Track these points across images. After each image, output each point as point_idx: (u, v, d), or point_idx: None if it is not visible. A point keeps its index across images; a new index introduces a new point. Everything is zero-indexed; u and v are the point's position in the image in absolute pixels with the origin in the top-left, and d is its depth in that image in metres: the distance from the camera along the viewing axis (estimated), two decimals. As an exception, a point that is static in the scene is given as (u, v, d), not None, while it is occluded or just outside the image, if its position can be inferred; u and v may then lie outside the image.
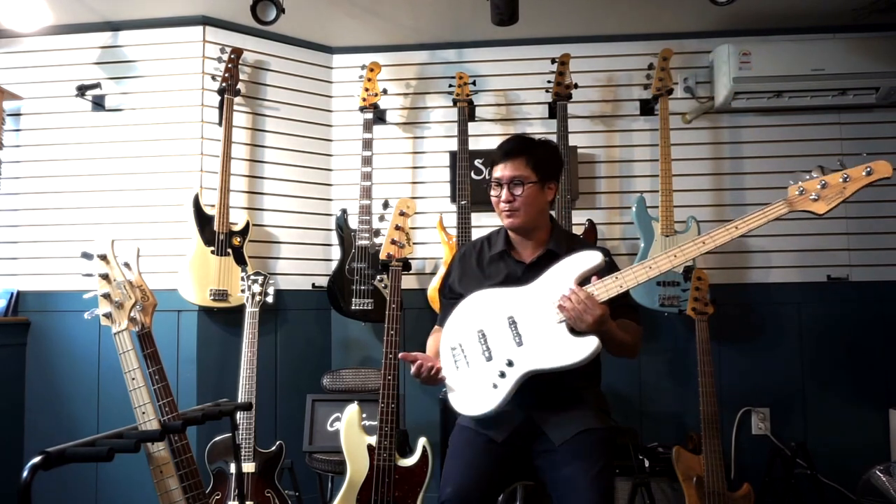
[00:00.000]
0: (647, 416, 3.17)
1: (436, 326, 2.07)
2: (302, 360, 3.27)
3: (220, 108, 3.08)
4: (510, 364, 1.72)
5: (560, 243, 1.92)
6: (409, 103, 3.44)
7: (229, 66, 3.05)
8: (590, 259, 1.74)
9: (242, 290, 2.78)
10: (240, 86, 3.12)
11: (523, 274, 1.90)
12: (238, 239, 2.99)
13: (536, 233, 1.93)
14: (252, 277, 2.78)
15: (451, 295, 2.01)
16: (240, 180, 3.17)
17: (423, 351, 1.98)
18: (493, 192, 1.92)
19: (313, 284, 3.30)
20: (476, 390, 1.76)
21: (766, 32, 3.23)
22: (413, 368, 1.82)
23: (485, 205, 2.77)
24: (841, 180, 1.57)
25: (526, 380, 1.71)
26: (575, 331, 1.68)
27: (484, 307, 1.83)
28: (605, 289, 1.68)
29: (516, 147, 1.90)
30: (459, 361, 1.81)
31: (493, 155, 1.93)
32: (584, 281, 1.72)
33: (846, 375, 3.12)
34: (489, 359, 1.77)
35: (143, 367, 1.76)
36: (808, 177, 1.59)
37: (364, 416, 2.47)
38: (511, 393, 1.72)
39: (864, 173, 1.56)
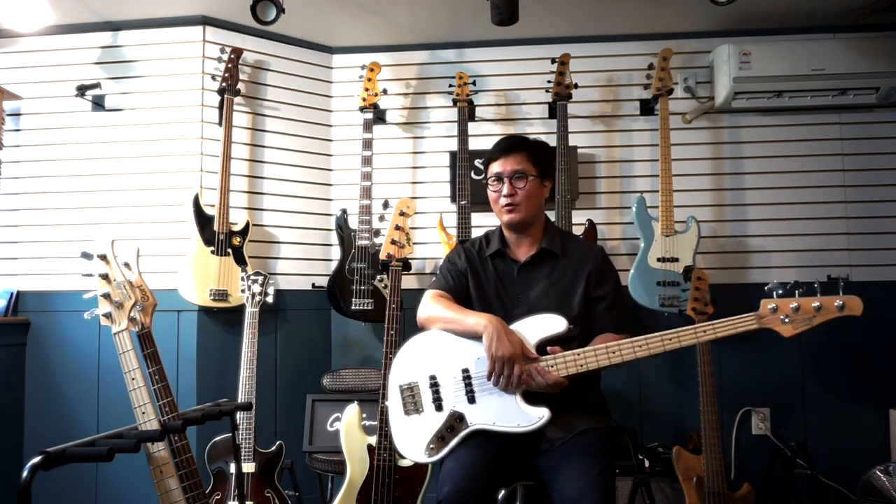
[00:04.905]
0: (647, 416, 3.17)
1: (431, 292, 1.97)
2: (302, 360, 3.27)
3: (220, 108, 3.08)
4: (460, 419, 1.73)
5: (554, 241, 1.92)
6: (409, 103, 3.44)
7: (229, 66, 3.05)
8: (553, 325, 1.73)
9: (242, 290, 2.78)
10: (240, 86, 3.12)
11: (518, 273, 1.90)
12: (238, 239, 2.99)
13: (532, 230, 1.93)
14: (252, 277, 2.78)
15: (456, 269, 1.98)
16: (240, 180, 3.17)
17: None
18: (492, 189, 1.92)
19: (313, 284, 3.30)
20: (422, 438, 1.75)
21: (766, 32, 3.23)
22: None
23: (485, 205, 2.76)
24: (813, 307, 1.61)
25: None
26: (528, 396, 1.69)
27: (440, 352, 1.81)
28: (564, 365, 1.69)
29: (515, 143, 1.91)
30: (408, 406, 1.79)
31: (489, 153, 1.94)
32: (543, 346, 1.72)
33: (846, 375, 3.12)
34: (439, 409, 1.76)
35: (143, 367, 1.75)
36: (785, 295, 1.60)
37: (364, 416, 2.47)
38: (456, 445, 1.72)
39: (835, 306, 1.61)
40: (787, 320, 1.61)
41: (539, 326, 1.73)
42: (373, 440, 2.35)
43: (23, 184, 3.20)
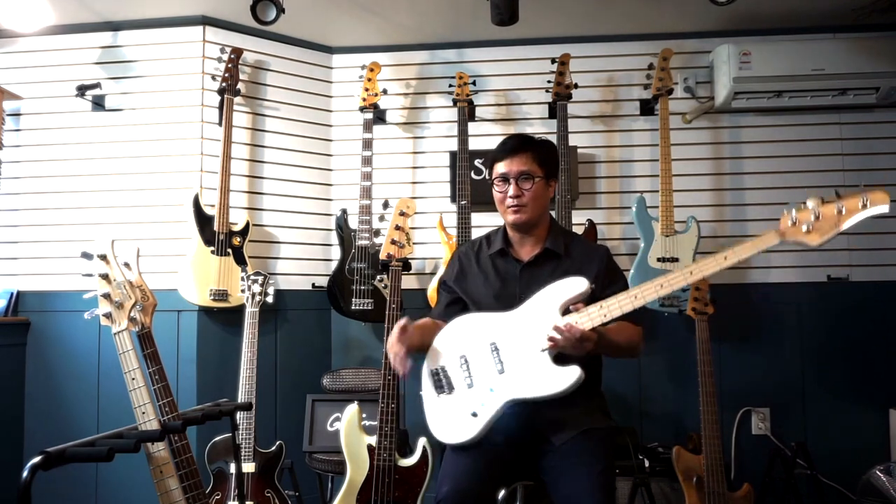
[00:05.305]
0: (647, 416, 3.17)
1: (428, 317, 2.03)
2: (302, 360, 3.27)
3: (220, 108, 3.08)
4: (491, 391, 1.72)
5: (557, 241, 1.92)
6: (409, 103, 3.44)
7: (229, 66, 3.05)
8: (575, 286, 1.73)
9: (242, 290, 2.78)
10: (240, 86, 3.12)
11: (521, 273, 1.90)
12: (238, 239, 2.99)
13: (536, 231, 1.93)
14: (252, 277, 2.78)
15: (447, 288, 2.01)
16: (240, 180, 3.17)
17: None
18: (497, 189, 1.91)
19: (313, 284, 3.30)
20: (456, 418, 1.74)
21: (766, 32, 3.23)
22: (396, 338, 1.75)
23: (485, 205, 2.78)
24: (836, 212, 1.48)
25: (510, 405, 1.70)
26: (558, 359, 1.68)
27: (468, 332, 1.82)
28: (588, 318, 1.68)
29: (521, 143, 1.90)
30: (441, 388, 1.79)
31: (495, 153, 1.92)
32: (567, 308, 1.72)
33: (846, 376, 3.12)
34: (470, 385, 1.76)
35: (143, 367, 1.76)
36: (803, 206, 1.52)
37: (364, 416, 2.47)
38: (492, 422, 1.70)
39: (859, 205, 1.47)
40: (809, 229, 1.50)
41: (561, 290, 1.74)
42: (373, 440, 2.34)
43: (23, 184, 3.20)
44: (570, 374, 1.65)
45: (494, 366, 1.74)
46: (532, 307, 1.77)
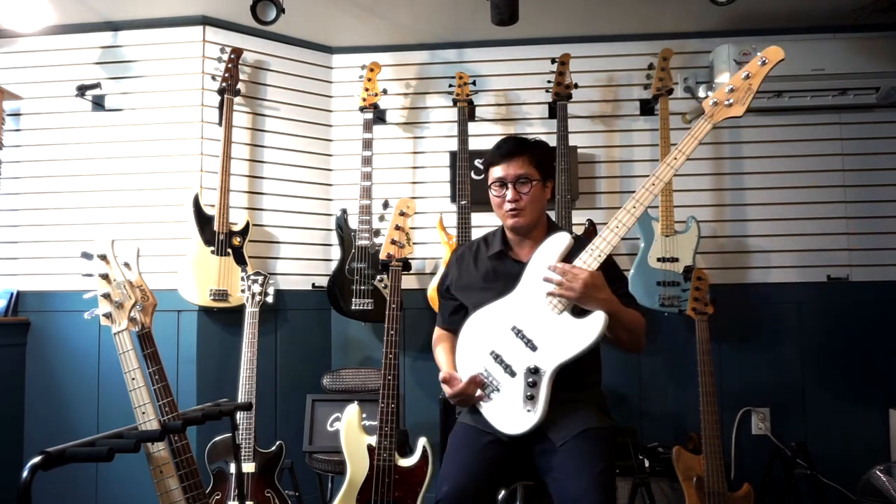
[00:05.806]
0: (647, 416, 3.17)
1: (437, 329, 2.08)
2: (302, 360, 3.27)
3: (220, 108, 3.08)
4: (535, 371, 1.72)
5: None
6: (409, 103, 3.44)
7: (229, 66, 3.05)
8: (558, 242, 1.77)
9: (242, 290, 2.78)
10: (240, 86, 3.12)
11: (521, 273, 1.90)
12: (238, 239, 2.99)
13: (535, 232, 1.93)
14: (252, 277, 2.78)
15: (449, 296, 2.02)
16: (240, 180, 3.17)
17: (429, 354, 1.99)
18: (495, 193, 1.91)
19: (313, 284, 3.30)
20: (516, 409, 1.74)
21: (766, 32, 3.23)
22: (452, 391, 1.81)
23: (485, 205, 2.77)
24: (743, 78, 1.69)
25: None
26: (578, 314, 1.69)
27: (486, 328, 1.83)
28: (585, 263, 1.72)
29: (517, 146, 1.90)
30: (488, 388, 1.79)
31: (490, 156, 1.92)
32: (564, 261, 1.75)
33: (846, 375, 3.12)
34: (513, 375, 1.76)
35: (143, 367, 1.76)
36: (716, 86, 1.66)
37: (364, 416, 2.47)
38: (549, 395, 1.71)
39: (759, 64, 1.69)
40: (731, 102, 1.69)
41: (548, 251, 1.78)
42: (373, 440, 2.34)
43: (23, 184, 3.20)
44: (597, 320, 1.67)
45: (525, 346, 1.75)
46: (529, 279, 1.80)
